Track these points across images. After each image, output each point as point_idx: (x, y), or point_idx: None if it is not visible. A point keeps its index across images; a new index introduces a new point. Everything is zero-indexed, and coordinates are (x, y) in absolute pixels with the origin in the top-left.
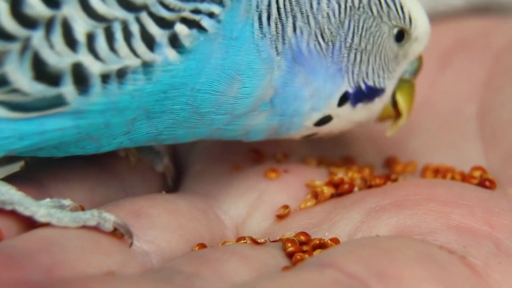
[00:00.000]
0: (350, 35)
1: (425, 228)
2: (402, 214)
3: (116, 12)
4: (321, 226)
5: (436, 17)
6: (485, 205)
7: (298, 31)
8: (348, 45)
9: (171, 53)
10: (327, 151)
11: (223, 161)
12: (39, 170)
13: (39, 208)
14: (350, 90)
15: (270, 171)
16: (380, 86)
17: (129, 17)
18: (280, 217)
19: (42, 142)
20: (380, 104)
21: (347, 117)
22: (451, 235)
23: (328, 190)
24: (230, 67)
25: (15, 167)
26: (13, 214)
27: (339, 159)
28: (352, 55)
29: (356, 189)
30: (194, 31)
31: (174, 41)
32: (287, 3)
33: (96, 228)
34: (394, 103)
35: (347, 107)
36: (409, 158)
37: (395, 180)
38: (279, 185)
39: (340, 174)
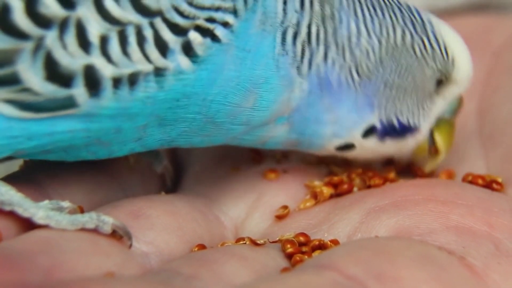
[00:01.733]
0: (389, 72)
1: (424, 228)
2: (401, 214)
3: (130, 16)
4: (321, 226)
5: (435, 14)
6: (484, 205)
7: (329, 61)
8: (385, 81)
9: (183, 61)
10: None
11: (222, 161)
12: (38, 170)
13: (38, 210)
14: (378, 125)
15: (269, 171)
16: (414, 124)
17: (144, 21)
18: (279, 217)
19: (50, 143)
20: (412, 141)
21: (372, 149)
22: (450, 235)
23: (327, 190)
24: (246, 80)
25: (14, 167)
26: (12, 214)
27: (338, 159)
28: (387, 92)
29: (355, 189)
30: (208, 40)
31: (187, 49)
32: (321, 31)
33: (95, 230)
34: (431, 141)
35: (373, 139)
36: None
37: (393, 180)
38: (278, 185)
39: (339, 174)
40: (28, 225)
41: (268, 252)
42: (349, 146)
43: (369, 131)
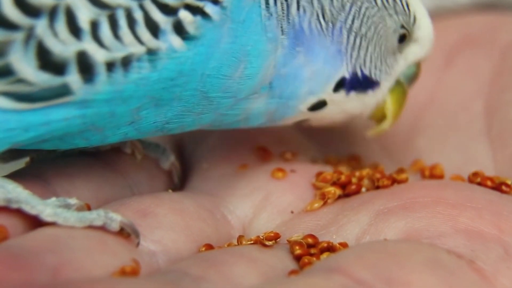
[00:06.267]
0: (351, 18)
1: (433, 231)
2: (410, 217)
3: None
4: (329, 228)
5: (442, 13)
6: (493, 208)
7: (301, 9)
8: (348, 27)
9: (176, 41)
10: (334, 151)
11: (230, 159)
12: (44, 167)
13: (45, 207)
14: (347, 76)
15: (277, 170)
16: (376, 78)
17: (133, 4)
18: None
19: (47, 133)
20: (373, 98)
21: (341, 105)
22: (460, 239)
23: (335, 191)
24: (238, 49)
25: (21, 163)
26: (19, 212)
27: (346, 159)
28: (351, 38)
29: (363, 189)
30: (198, 18)
31: (179, 28)
32: None
33: (103, 228)
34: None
35: (341, 93)
36: (415, 157)
37: (401, 180)
38: (286, 185)
39: (348, 174)
40: (35, 222)
41: (276, 254)
42: (321, 104)
43: (339, 84)
